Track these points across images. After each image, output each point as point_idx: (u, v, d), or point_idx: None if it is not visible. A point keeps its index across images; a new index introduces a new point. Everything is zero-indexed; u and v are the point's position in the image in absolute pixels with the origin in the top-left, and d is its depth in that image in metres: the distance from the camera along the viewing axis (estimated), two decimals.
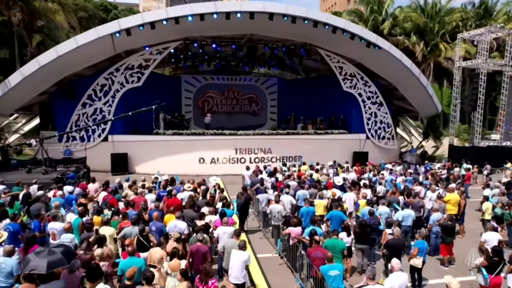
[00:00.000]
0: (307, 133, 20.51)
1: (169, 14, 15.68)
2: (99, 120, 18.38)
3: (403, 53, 20.57)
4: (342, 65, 20.82)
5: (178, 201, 9.00)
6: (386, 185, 12.62)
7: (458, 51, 21.65)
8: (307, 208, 8.67)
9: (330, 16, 17.49)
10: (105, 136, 18.79)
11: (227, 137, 18.87)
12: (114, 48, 16.89)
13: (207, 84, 26.55)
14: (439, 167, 16.86)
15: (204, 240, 6.29)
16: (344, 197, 10.02)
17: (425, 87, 21.35)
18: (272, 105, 27.89)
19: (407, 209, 8.53)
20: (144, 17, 15.64)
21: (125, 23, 15.73)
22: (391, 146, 23.23)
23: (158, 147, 18.62)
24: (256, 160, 19.11)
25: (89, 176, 14.43)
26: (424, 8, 37.13)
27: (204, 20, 16.29)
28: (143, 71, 18.71)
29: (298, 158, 19.73)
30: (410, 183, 13.33)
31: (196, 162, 18.70)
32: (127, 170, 18.55)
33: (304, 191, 10.46)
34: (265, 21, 16.71)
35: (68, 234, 6.77)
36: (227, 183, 16.88)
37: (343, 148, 20.88)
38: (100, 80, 18.58)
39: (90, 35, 15.76)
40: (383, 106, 22.31)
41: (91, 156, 18.37)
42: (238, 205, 9.44)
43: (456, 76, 22.15)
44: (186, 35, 18.36)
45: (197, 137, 18.78)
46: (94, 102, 18.75)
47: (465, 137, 24.94)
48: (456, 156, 21.64)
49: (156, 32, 16.75)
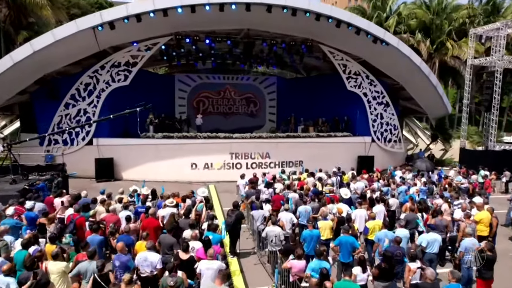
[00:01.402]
0: (308, 136, 19.02)
1: (156, 6, 14.19)
2: (84, 122, 16.91)
3: None
4: (346, 63, 19.32)
5: (155, 222, 7.51)
6: (399, 197, 11.16)
7: (471, 48, 20.16)
8: (311, 232, 7.18)
9: (334, 9, 16.02)
10: (90, 139, 17.31)
11: (222, 141, 17.37)
12: (97, 43, 15.40)
13: (202, 83, 25.07)
14: (454, 173, 15.36)
15: (177, 285, 4.80)
16: (354, 215, 8.53)
17: (435, 86, 19.88)
18: (271, 105, 26.41)
19: (432, 233, 7.00)
20: (129, 8, 14.14)
21: (108, 15, 14.24)
22: (397, 149, 21.76)
23: (146, 152, 17.14)
24: (253, 166, 17.62)
25: (67, 187, 12.93)
26: (429, 5, 35.73)
27: (196, 13, 14.79)
28: (130, 69, 17.23)
29: (298, 163, 18.24)
30: (424, 194, 11.87)
31: (188, 167, 17.21)
32: (113, 176, 17.08)
33: (307, 206, 8.97)
34: (262, 14, 15.21)
35: (7, 278, 5.00)
36: (221, 191, 15.47)
37: (347, 152, 19.39)
38: (84, 78, 17.10)
39: (69, 29, 14.27)
40: (390, 107, 20.83)
41: (75, 161, 16.88)
42: (228, 225, 7.96)
43: (468, 75, 20.64)
44: (177, 29, 16.86)
45: (188, 141, 17.28)
46: (77, 102, 17.26)
47: (475, 139, 23.46)
48: (469, 160, 20.16)
49: (143, 26, 15.26)
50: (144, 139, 17.31)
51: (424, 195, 11.82)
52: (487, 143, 20.66)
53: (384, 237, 7.02)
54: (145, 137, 17.36)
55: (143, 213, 8.18)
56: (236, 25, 17.07)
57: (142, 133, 17.35)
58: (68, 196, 9.36)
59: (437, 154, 24.97)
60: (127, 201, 9.12)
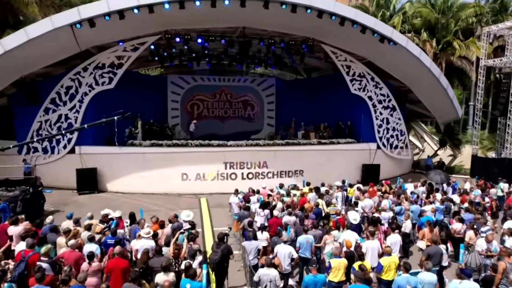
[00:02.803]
0: (309, 143, 17.57)
1: (140, 1, 12.77)
2: (65, 129, 15.49)
3: None
4: (350, 64, 17.92)
5: (122, 263, 6.09)
6: (412, 218, 9.76)
7: (484, 48, 18.74)
8: (315, 278, 5.78)
9: (338, 4, 14.59)
10: (72, 147, 15.90)
11: (215, 149, 15.93)
12: (77, 42, 13.99)
13: (196, 85, 23.63)
14: (469, 186, 13.94)
15: None
16: (365, 248, 7.13)
17: (446, 89, 18.52)
18: (269, 109, 24.98)
19: (468, 283, 5.55)
20: (110, 4, 12.72)
21: (87, 12, 12.80)
22: (404, 156, 20.37)
23: (133, 161, 15.73)
24: (250, 176, 16.20)
25: (38, 205, 11.51)
26: (434, 3, 34.34)
27: (185, 9, 13.38)
28: (115, 71, 15.82)
29: (299, 173, 16.85)
30: (441, 213, 10.48)
31: (178, 178, 15.78)
32: (96, 188, 15.67)
33: (308, 236, 7.56)
34: (259, 10, 13.80)
35: None
36: (213, 205, 14.08)
37: (351, 160, 17.99)
38: (65, 81, 15.69)
39: (43, 26, 12.83)
40: (396, 111, 19.44)
41: (56, 172, 15.59)
42: (212, 263, 6.55)
43: (482, 76, 19.22)
44: (166, 27, 15.45)
45: (179, 149, 15.84)
46: (58, 107, 15.86)
47: (486, 145, 22.02)
48: (481, 169, 18.76)
49: (128, 24, 13.86)
50: (131, 147, 15.91)
51: (441, 214, 10.44)
52: (500, 150, 19.26)
53: (405, 284, 5.61)
54: (132, 145, 15.95)
55: (112, 247, 6.76)
56: (231, 23, 15.66)
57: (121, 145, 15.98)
58: (27, 224, 7.89)
59: (445, 160, 23.53)
60: (101, 229, 7.69)
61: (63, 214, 12.11)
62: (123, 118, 9.62)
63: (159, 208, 13.65)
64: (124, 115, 9.56)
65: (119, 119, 9.66)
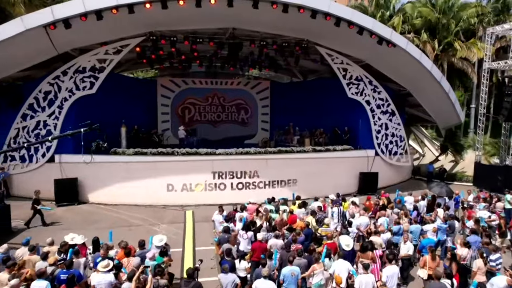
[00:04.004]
0: (303, 151, 16.62)
1: (119, 1, 11.85)
2: (43, 137, 14.59)
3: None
4: (347, 67, 17.00)
5: None
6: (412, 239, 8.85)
7: (488, 49, 17.78)
8: None
9: (333, 4, 13.67)
10: (51, 155, 14.98)
11: (203, 158, 14.98)
12: (53, 44, 13.07)
13: (187, 89, 22.72)
14: (473, 198, 12.99)
15: None
16: (358, 284, 6.19)
17: (447, 93, 17.59)
18: (264, 112, 24.06)
19: None
20: (87, 3, 11.79)
21: (61, 12, 11.88)
22: (404, 163, 19.44)
23: (116, 170, 14.79)
24: (239, 186, 15.26)
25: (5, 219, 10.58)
26: (435, 3, 33.42)
27: (169, 9, 12.49)
28: (97, 75, 14.89)
29: (292, 182, 15.91)
30: (444, 233, 9.55)
31: (164, 189, 14.84)
32: (77, 199, 14.74)
33: (293, 268, 6.62)
34: (248, 10, 12.90)
35: None
36: (199, 219, 13.17)
37: (348, 168, 17.07)
38: (43, 86, 14.77)
39: (14, 27, 11.88)
40: (395, 116, 18.51)
41: (34, 181, 14.59)
42: None
43: (485, 80, 18.28)
44: (151, 29, 14.55)
45: (164, 158, 14.89)
46: (36, 113, 14.94)
47: (489, 150, 21.05)
48: (485, 176, 17.89)
49: (108, 25, 12.97)
50: (113, 156, 14.98)
51: (443, 234, 9.51)
52: (505, 156, 18.35)
53: None
54: (115, 154, 15.03)
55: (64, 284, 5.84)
56: (219, 24, 14.73)
57: (112, 149, 15.11)
58: None
59: (447, 166, 22.58)
60: (55, 260, 6.76)
61: (35, 232, 11.30)
62: (90, 130, 8.69)
63: (140, 223, 12.75)
64: (91, 127, 8.65)
65: (86, 131, 8.75)
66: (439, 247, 9.52)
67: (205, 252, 9.81)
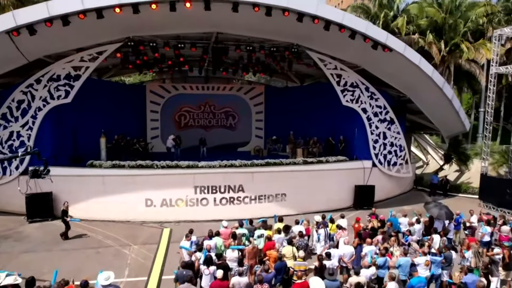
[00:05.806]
0: (293, 163, 15.51)
1: (85, 5, 10.95)
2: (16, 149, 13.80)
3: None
4: (341, 72, 15.88)
5: None
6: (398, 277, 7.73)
7: (496, 52, 16.44)
8: None
9: (321, 6, 12.56)
10: (25, 168, 14.17)
11: (184, 171, 14.00)
12: (20, 52, 12.26)
13: (178, 95, 21.82)
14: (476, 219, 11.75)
15: None
16: None
17: (450, 100, 16.28)
18: (258, 119, 23.02)
19: None
20: (51, 8, 10.92)
21: (24, 17, 11.02)
22: (404, 174, 18.15)
23: (91, 184, 13.92)
24: (223, 202, 14.24)
25: None
26: (441, 2, 31.94)
27: (141, 13, 11.56)
28: (72, 83, 14.03)
29: (280, 197, 14.84)
30: (438, 267, 8.40)
31: (142, 204, 13.90)
32: (51, 214, 13.90)
33: None
34: (228, 14, 11.92)
35: None
36: (176, 239, 12.06)
37: (342, 181, 15.94)
38: (16, 94, 13.98)
39: None
40: (395, 124, 17.25)
41: (8, 195, 13.88)
42: None
43: (492, 86, 16.93)
44: (127, 34, 13.66)
45: (143, 171, 13.96)
46: (9, 123, 14.17)
47: (498, 160, 19.61)
48: (491, 190, 16.58)
49: (79, 30, 12.14)
50: (90, 168, 14.14)
51: (438, 268, 8.37)
52: None
53: None
54: (91, 166, 14.19)
55: None
56: (200, 28, 13.77)
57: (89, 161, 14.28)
58: None
59: (451, 176, 21.28)
60: None
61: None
62: (28, 154, 7.92)
63: (111, 244, 11.83)
64: (28, 151, 7.92)
65: (23, 155, 7.98)
66: (433, 282, 8.42)
67: (171, 283, 8.82)
